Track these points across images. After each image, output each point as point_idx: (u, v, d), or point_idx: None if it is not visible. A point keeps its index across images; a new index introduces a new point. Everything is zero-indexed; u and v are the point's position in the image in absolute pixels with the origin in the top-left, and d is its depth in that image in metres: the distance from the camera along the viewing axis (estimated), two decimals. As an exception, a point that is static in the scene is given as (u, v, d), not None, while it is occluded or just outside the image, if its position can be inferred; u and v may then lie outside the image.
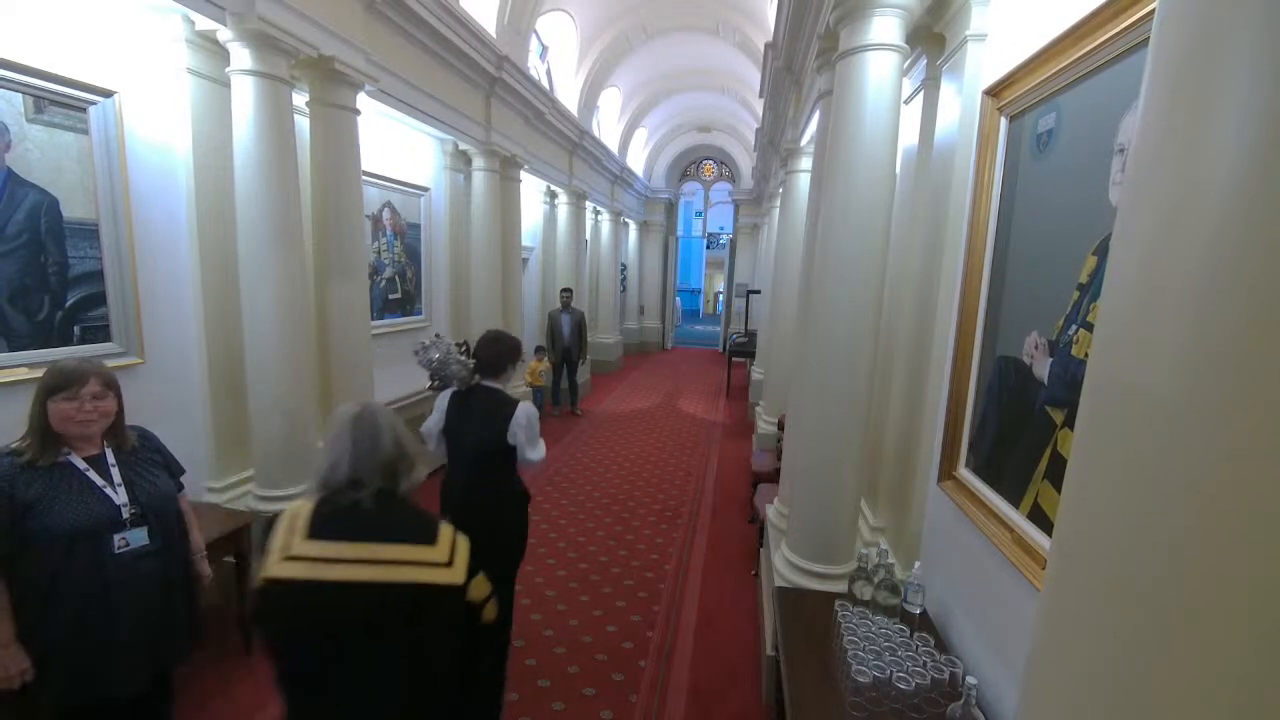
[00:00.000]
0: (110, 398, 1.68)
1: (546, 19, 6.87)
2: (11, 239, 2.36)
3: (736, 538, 4.48)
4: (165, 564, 1.74)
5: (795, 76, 4.53)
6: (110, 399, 1.68)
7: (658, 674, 2.91)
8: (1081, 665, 0.71)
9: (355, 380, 3.79)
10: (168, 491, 1.80)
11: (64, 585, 1.58)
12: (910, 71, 2.58)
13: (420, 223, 5.18)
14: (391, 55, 3.96)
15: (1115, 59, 1.37)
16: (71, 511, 1.58)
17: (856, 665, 1.72)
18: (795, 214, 4.88)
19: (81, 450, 1.66)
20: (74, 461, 1.63)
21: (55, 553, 1.56)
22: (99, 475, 1.65)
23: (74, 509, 1.58)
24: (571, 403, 7.91)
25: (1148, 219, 0.66)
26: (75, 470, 1.63)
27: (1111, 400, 0.69)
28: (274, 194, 3.02)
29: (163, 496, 1.77)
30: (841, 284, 2.33)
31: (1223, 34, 0.58)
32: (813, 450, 2.48)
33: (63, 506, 1.57)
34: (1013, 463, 1.73)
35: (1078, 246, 1.47)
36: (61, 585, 1.58)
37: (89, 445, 1.68)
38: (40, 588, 1.57)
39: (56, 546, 1.56)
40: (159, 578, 1.72)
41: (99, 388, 1.64)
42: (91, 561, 1.60)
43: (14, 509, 1.53)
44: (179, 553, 1.82)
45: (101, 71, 2.63)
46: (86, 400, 1.61)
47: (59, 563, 1.57)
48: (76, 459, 1.64)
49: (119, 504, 1.65)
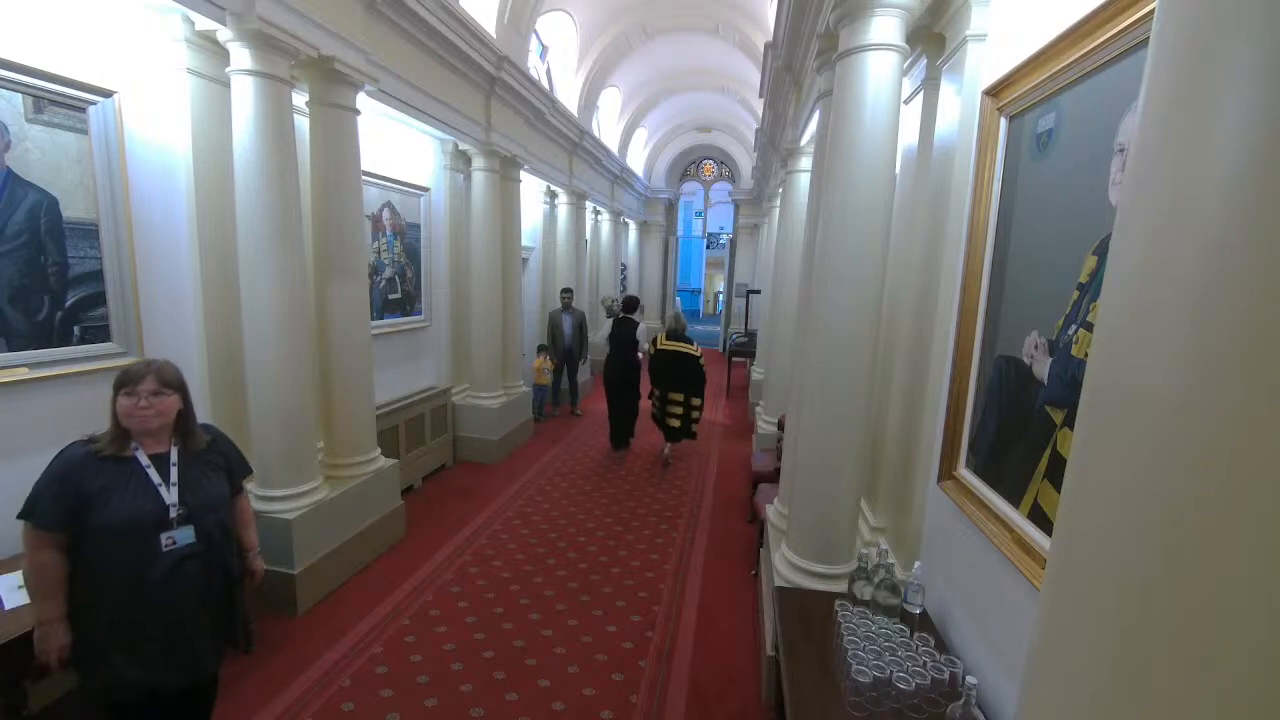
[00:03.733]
0: (170, 396, 1.72)
1: (546, 19, 6.87)
2: (11, 239, 2.36)
3: (736, 538, 4.48)
4: (207, 565, 1.79)
5: (795, 76, 4.53)
6: (169, 397, 1.72)
7: (658, 674, 2.91)
8: (1081, 665, 0.71)
9: (355, 380, 3.79)
10: (218, 495, 1.84)
11: (112, 578, 1.64)
12: (910, 71, 2.58)
13: (420, 223, 5.18)
14: (391, 55, 3.96)
15: (1115, 59, 1.37)
16: (125, 507, 1.64)
17: (856, 665, 1.72)
18: (795, 214, 4.88)
19: (149, 447, 1.72)
20: (139, 457, 1.70)
21: (107, 546, 1.63)
22: (158, 473, 1.71)
23: (127, 504, 1.64)
24: (572, 402, 7.91)
25: (1147, 219, 0.66)
26: (138, 466, 1.69)
27: (1111, 400, 0.69)
28: (274, 194, 3.02)
29: (211, 500, 1.80)
30: (841, 284, 2.33)
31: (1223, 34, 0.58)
32: (813, 450, 2.48)
33: (119, 501, 1.63)
34: (1013, 463, 1.73)
35: (1078, 246, 1.47)
36: (109, 578, 1.63)
37: (156, 442, 1.73)
38: (89, 579, 1.63)
39: (108, 540, 1.62)
40: (202, 578, 1.77)
41: (156, 385, 1.69)
42: (139, 557, 1.65)
43: (80, 497, 1.60)
44: (222, 556, 1.85)
45: (101, 71, 2.63)
46: (144, 397, 1.67)
47: (109, 556, 1.63)
48: (142, 455, 1.70)
49: (168, 504, 1.70)
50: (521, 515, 4.70)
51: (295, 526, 3.18)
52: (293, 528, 3.16)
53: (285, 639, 3.02)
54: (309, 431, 3.37)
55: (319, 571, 3.35)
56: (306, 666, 2.82)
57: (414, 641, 3.06)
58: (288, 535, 3.16)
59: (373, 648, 2.99)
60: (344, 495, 3.57)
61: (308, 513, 3.27)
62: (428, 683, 2.76)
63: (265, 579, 3.07)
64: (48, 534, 1.60)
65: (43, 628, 1.62)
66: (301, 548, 3.23)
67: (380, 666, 2.86)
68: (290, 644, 2.99)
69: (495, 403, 5.90)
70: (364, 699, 2.64)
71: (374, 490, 3.86)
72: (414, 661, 2.90)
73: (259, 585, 2.09)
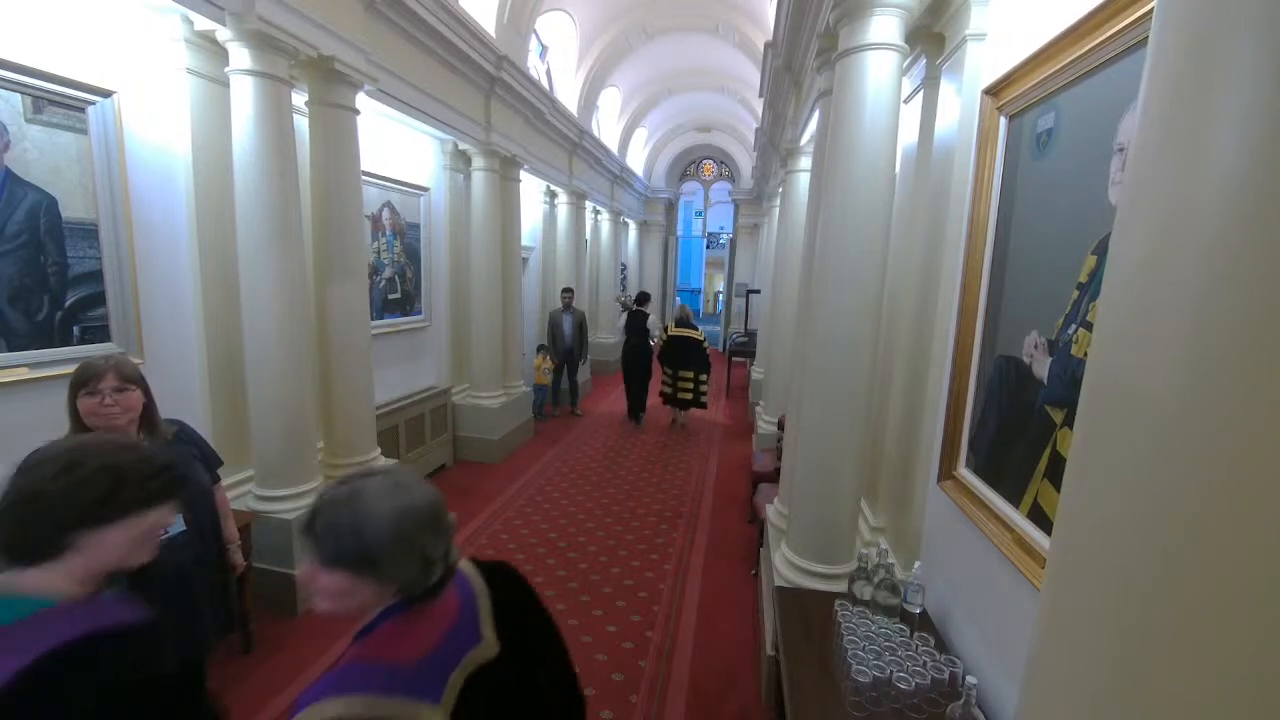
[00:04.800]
0: (132, 391, 1.71)
1: (546, 19, 6.87)
2: (11, 239, 2.36)
3: (736, 538, 4.48)
4: (198, 553, 1.79)
5: (795, 76, 4.53)
6: (132, 393, 1.71)
7: (658, 674, 2.91)
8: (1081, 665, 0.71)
9: (355, 380, 3.79)
10: (203, 485, 1.85)
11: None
12: (910, 71, 2.57)
13: (420, 223, 5.18)
14: (391, 55, 3.95)
15: (1115, 58, 1.37)
16: None
17: (856, 665, 1.72)
18: (795, 213, 4.88)
19: None
20: None
21: None
22: None
23: None
24: (572, 402, 7.91)
25: (1147, 219, 0.65)
26: None
27: (1111, 400, 0.69)
28: (273, 194, 3.02)
29: (197, 490, 1.81)
30: (841, 283, 2.33)
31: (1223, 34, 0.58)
32: (813, 450, 2.48)
33: None
34: (1012, 462, 1.72)
35: (1077, 246, 1.47)
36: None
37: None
38: None
39: None
40: (193, 568, 1.77)
41: (117, 382, 1.68)
42: None
43: None
44: (211, 545, 1.87)
45: (100, 71, 2.62)
46: (107, 394, 1.65)
47: None
48: None
49: None
50: (521, 515, 4.70)
51: (295, 526, 3.18)
52: (293, 528, 3.16)
53: (285, 639, 3.02)
54: (309, 431, 3.37)
55: (319, 571, 3.35)
56: (306, 666, 2.82)
57: (414, 641, 3.05)
58: (288, 535, 3.16)
59: (373, 648, 2.99)
60: (344, 495, 3.56)
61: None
62: (428, 683, 2.76)
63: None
64: None
65: None
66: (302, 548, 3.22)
67: (380, 666, 2.85)
68: (290, 644, 2.99)
69: (495, 403, 5.90)
70: (364, 699, 2.64)
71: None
72: (414, 661, 2.90)
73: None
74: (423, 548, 0.93)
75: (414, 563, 0.93)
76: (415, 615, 0.96)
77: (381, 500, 0.92)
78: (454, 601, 1.02)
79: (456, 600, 1.02)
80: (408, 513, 0.92)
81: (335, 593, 0.93)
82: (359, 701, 0.86)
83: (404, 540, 0.92)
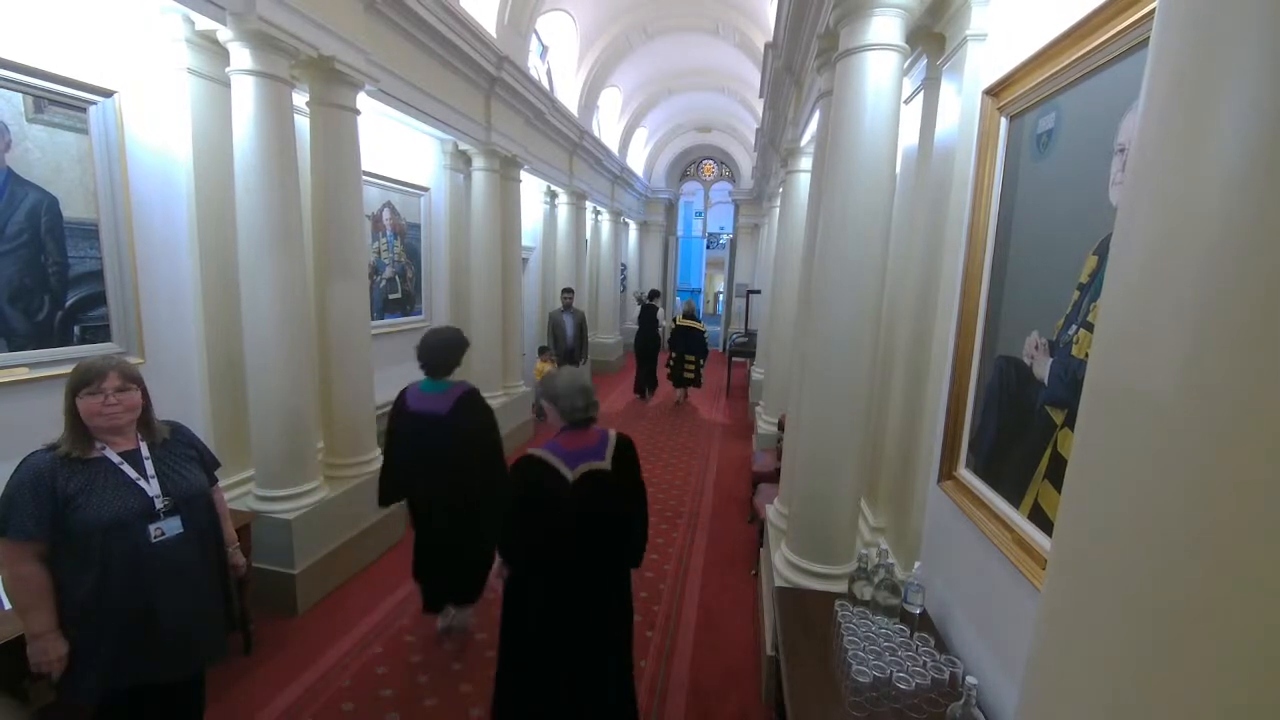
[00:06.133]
0: (134, 391, 1.72)
1: (546, 19, 6.87)
2: (11, 239, 2.36)
3: (736, 538, 4.48)
4: (198, 555, 1.79)
5: (795, 76, 4.53)
6: (134, 392, 1.72)
7: (658, 674, 2.91)
8: (1081, 665, 0.71)
9: (355, 380, 3.79)
10: (200, 485, 1.85)
11: (104, 575, 1.62)
12: (910, 71, 2.57)
13: (420, 223, 5.18)
14: (392, 55, 3.95)
15: (1115, 59, 1.37)
16: (108, 504, 1.63)
17: (856, 665, 1.72)
18: (795, 214, 4.88)
19: (116, 445, 1.71)
20: (109, 456, 1.68)
21: (94, 544, 1.61)
22: (133, 469, 1.70)
23: (110, 502, 1.63)
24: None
25: (1148, 219, 0.66)
26: (110, 464, 1.67)
27: (1112, 401, 0.69)
28: (274, 193, 3.02)
29: (193, 489, 1.81)
30: (841, 283, 2.33)
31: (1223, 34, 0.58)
32: (813, 450, 2.48)
33: (99, 499, 1.62)
34: (1013, 463, 1.72)
35: (1078, 246, 1.47)
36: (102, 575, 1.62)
37: (123, 440, 1.72)
38: (81, 578, 1.62)
39: (95, 538, 1.61)
40: (193, 567, 1.77)
41: (120, 381, 1.68)
42: (130, 552, 1.65)
43: (56, 501, 1.59)
44: (211, 544, 1.86)
45: (101, 71, 2.63)
46: (109, 394, 1.66)
47: (99, 553, 1.62)
48: (111, 453, 1.69)
49: (152, 495, 1.70)
50: (521, 515, 4.69)
51: (295, 526, 3.18)
52: (293, 528, 3.16)
53: (285, 639, 3.02)
54: (309, 431, 3.37)
55: (319, 571, 3.35)
56: (306, 667, 2.82)
57: (414, 641, 3.06)
58: (288, 535, 3.16)
59: (373, 648, 2.99)
60: (344, 495, 3.57)
61: (308, 513, 3.27)
62: (427, 683, 2.76)
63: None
64: (26, 544, 1.57)
65: (36, 641, 1.59)
66: (302, 548, 3.23)
67: (380, 666, 2.86)
68: (290, 644, 2.99)
69: (495, 402, 5.89)
70: (364, 699, 2.64)
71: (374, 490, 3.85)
72: (414, 662, 2.90)
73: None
74: (574, 397, 2.06)
75: (573, 404, 2.06)
76: (574, 434, 2.08)
77: (562, 376, 2.09)
78: (595, 436, 2.10)
79: (597, 436, 2.11)
80: (572, 383, 2.07)
81: (549, 411, 2.11)
82: (544, 452, 2.00)
83: (568, 393, 2.06)
